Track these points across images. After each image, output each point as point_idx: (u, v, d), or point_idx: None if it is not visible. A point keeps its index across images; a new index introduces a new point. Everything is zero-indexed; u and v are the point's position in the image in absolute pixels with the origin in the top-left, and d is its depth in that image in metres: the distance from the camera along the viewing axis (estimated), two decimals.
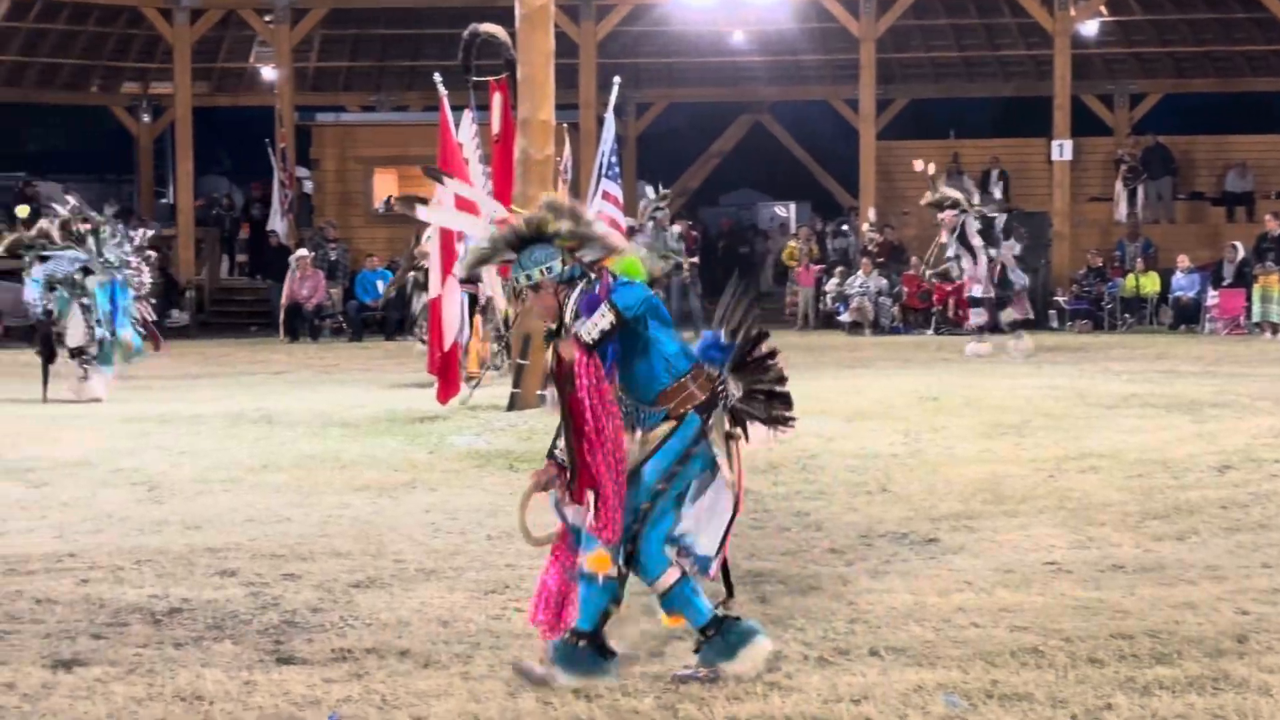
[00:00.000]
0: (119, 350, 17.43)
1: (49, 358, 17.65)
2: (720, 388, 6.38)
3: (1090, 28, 31.14)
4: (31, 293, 17.60)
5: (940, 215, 21.99)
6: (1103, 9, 31.23)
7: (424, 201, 14.19)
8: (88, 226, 17.79)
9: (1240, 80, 33.30)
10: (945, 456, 12.19)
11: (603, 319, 6.07)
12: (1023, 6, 30.86)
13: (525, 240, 6.29)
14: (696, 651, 6.26)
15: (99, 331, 17.27)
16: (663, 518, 6.22)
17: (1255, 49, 32.33)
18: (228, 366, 22.12)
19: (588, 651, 6.17)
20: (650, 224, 24.39)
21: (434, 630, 6.97)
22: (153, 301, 18.84)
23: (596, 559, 6.14)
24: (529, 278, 6.25)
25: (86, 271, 17.34)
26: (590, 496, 6.09)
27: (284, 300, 28.59)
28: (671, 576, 6.22)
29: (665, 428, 6.25)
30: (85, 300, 17.31)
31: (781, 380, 6.52)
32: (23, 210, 18.98)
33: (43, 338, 17.84)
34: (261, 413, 15.59)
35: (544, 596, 6.35)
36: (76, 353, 17.37)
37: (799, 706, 5.89)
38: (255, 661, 6.62)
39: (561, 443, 6.29)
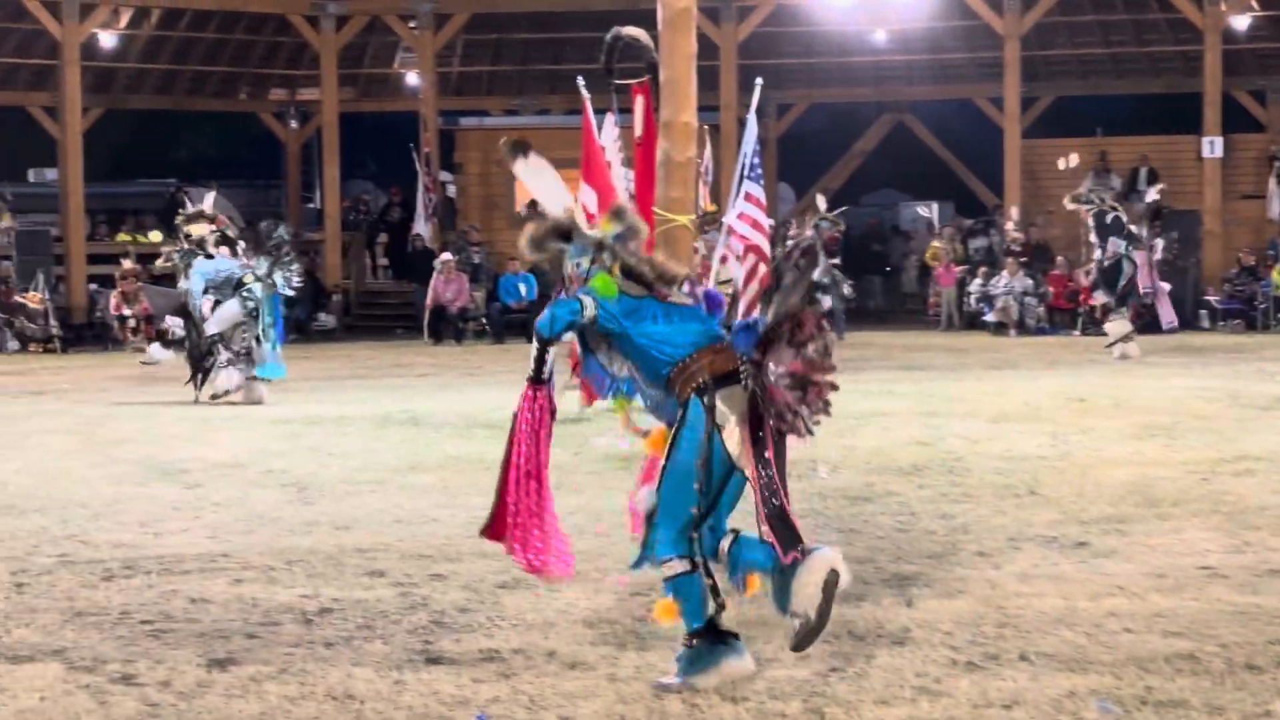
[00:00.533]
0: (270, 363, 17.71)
1: (199, 360, 17.91)
2: (739, 366, 6.22)
3: (1241, 22, 30.61)
4: (193, 285, 17.83)
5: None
6: (1254, 3, 30.71)
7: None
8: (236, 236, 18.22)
9: None
10: (1094, 458, 12.08)
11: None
12: (1171, 2, 30.44)
13: (566, 234, 6.41)
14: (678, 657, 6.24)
15: (263, 343, 17.53)
16: (689, 504, 6.17)
17: None
18: (373, 369, 22.37)
19: (705, 646, 6.14)
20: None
21: (580, 631, 6.99)
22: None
23: (663, 609, 6.26)
24: (578, 266, 6.37)
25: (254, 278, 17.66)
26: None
27: (428, 303, 28.93)
28: (680, 566, 6.16)
29: (678, 417, 6.26)
30: (249, 302, 17.59)
31: (824, 354, 6.25)
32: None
33: (191, 343, 18.13)
34: (407, 414, 15.77)
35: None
36: (212, 343, 17.62)
37: (948, 712, 5.84)
38: (405, 661, 6.67)
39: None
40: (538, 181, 6.55)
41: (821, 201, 25.81)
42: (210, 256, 17.90)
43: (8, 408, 17.59)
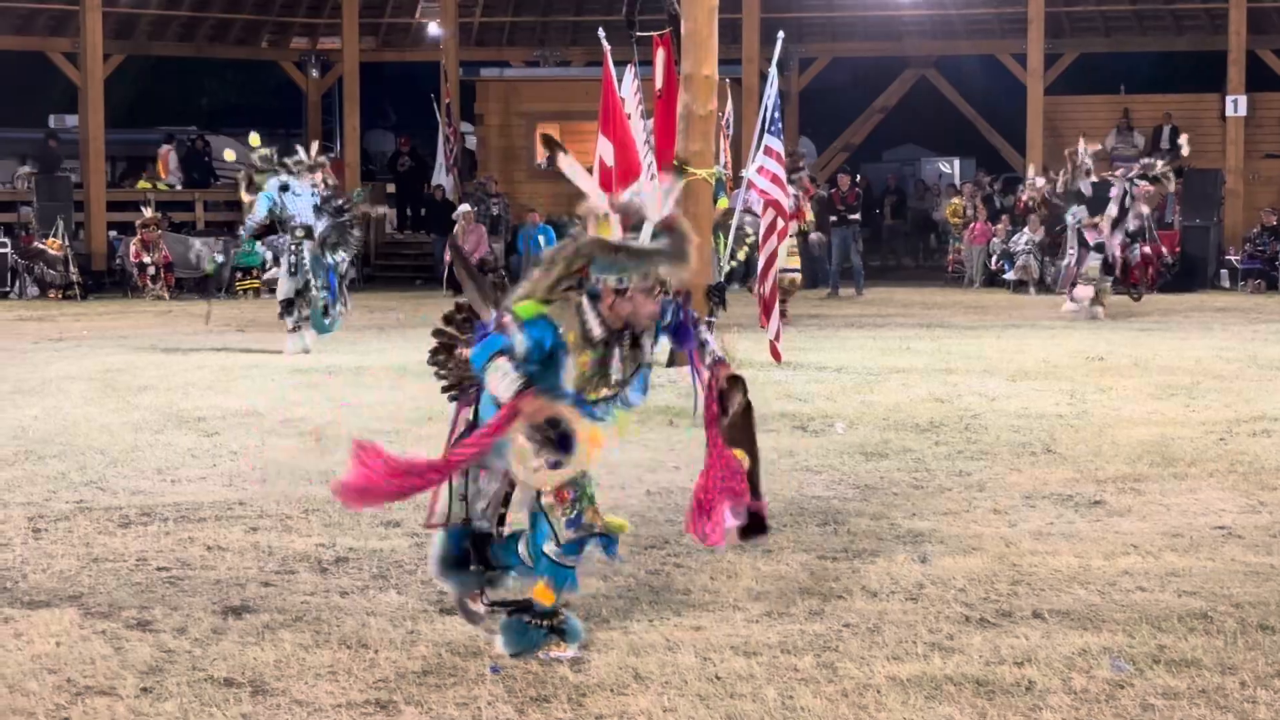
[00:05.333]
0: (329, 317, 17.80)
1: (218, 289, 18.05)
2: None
3: None
4: (260, 207, 17.79)
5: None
6: None
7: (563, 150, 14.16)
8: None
9: None
10: (1111, 418, 12.08)
11: None
12: None
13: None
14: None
15: (321, 295, 17.58)
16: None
17: None
18: (392, 320, 22.35)
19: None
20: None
21: (593, 584, 6.98)
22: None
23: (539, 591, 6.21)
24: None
25: (308, 234, 17.64)
26: None
27: (447, 255, 28.84)
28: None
29: None
30: (302, 256, 17.63)
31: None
32: (254, 139, 19.19)
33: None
34: (424, 366, 15.73)
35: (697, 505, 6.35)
36: (286, 306, 17.69)
37: (960, 668, 5.86)
38: (419, 611, 6.71)
39: None
40: (582, 180, 6.39)
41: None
42: (286, 187, 17.79)
43: (28, 354, 17.61)
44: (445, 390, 6.72)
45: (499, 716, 5.42)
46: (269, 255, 18.97)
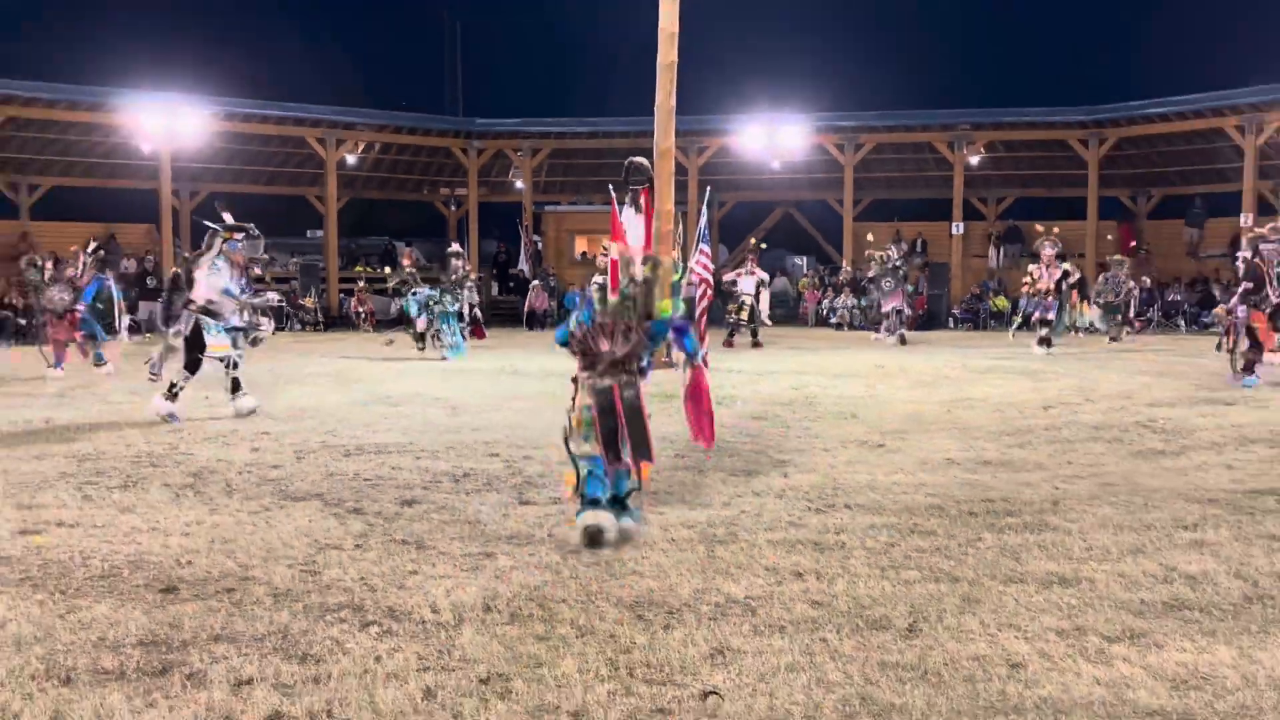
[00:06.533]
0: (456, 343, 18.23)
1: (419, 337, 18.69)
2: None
3: (974, 159, 30.59)
4: (412, 308, 18.78)
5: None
6: (982, 149, 30.67)
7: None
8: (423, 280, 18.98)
9: (1051, 189, 32.43)
10: (889, 399, 12.09)
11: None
12: (936, 147, 30.48)
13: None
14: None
15: (446, 332, 17.90)
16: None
17: (1058, 172, 31.50)
18: (494, 345, 22.35)
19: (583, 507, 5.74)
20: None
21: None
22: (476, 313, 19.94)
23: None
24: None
25: (443, 293, 18.16)
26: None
27: (526, 309, 28.92)
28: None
29: None
30: (438, 309, 18.08)
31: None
32: (387, 272, 20.26)
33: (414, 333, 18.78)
34: (513, 369, 15.75)
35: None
36: (421, 335, 18.15)
37: (806, 536, 5.86)
38: (509, 503, 6.69)
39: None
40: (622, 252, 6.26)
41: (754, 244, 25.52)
42: (415, 292, 18.50)
43: (293, 361, 17.59)
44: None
45: (548, 561, 5.41)
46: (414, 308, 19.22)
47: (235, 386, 10.61)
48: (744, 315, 21.55)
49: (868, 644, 4.23)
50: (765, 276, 22.43)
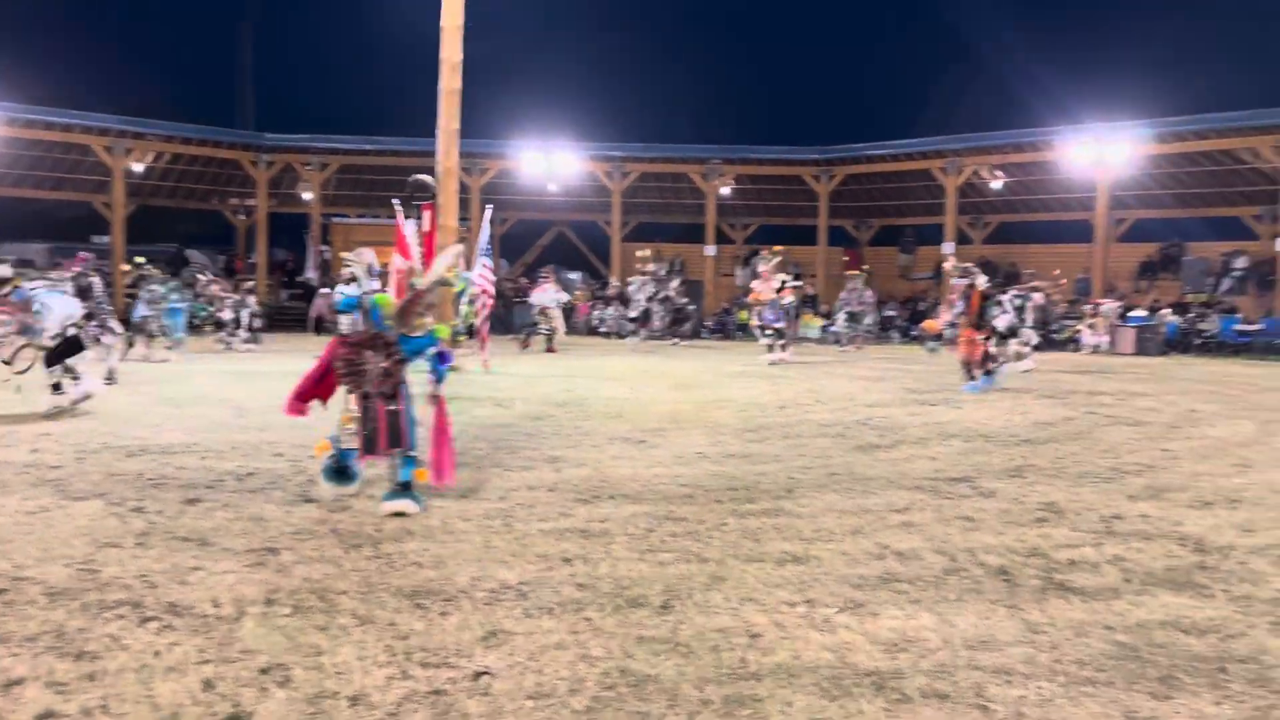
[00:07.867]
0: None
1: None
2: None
3: (725, 189, 31.63)
4: (140, 308, 18.05)
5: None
6: (731, 181, 31.76)
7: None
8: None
9: (789, 218, 33.91)
10: (651, 399, 12.27)
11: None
12: (688, 175, 31.33)
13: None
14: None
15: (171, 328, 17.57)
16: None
17: (794, 203, 33.01)
18: (276, 349, 21.36)
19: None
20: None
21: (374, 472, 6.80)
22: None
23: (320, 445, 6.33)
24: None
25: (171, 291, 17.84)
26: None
27: (311, 314, 27.91)
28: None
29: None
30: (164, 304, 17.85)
31: None
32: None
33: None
34: (298, 371, 15.04)
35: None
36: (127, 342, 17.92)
37: (574, 525, 5.86)
38: (293, 501, 6.41)
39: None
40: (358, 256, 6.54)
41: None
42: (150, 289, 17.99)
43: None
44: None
45: (331, 555, 5.21)
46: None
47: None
48: (544, 323, 22.29)
49: (627, 621, 4.27)
50: (564, 297, 23.19)
